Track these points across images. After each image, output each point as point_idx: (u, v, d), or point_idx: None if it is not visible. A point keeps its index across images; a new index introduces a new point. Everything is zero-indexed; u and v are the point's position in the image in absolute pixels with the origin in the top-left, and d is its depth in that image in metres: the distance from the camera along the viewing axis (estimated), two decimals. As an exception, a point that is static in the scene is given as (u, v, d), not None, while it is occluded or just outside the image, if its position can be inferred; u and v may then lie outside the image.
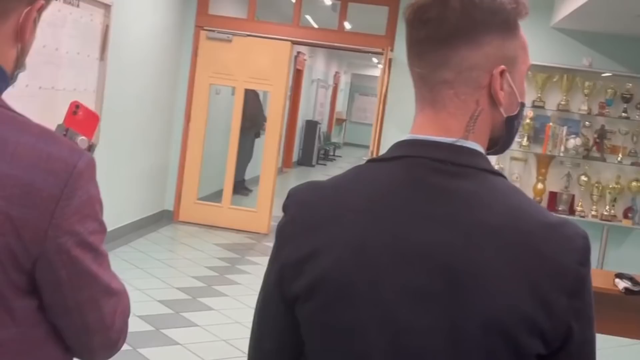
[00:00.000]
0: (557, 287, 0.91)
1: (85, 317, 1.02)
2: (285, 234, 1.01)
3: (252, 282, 5.55)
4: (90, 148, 1.19)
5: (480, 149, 0.99)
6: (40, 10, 1.03)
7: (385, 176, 0.99)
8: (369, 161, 1.05)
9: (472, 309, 0.90)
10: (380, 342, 0.93)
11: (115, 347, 1.08)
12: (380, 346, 0.93)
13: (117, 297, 1.06)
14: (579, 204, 6.61)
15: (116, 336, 1.07)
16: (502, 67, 0.97)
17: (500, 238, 0.91)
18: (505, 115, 1.00)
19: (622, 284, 3.56)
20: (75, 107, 1.17)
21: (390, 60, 6.62)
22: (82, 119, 1.17)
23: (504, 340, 0.90)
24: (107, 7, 5.32)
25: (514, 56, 0.99)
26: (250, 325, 1.09)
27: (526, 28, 1.02)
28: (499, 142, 1.03)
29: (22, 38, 1.02)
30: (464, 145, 0.97)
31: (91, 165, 0.99)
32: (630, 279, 3.60)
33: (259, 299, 1.06)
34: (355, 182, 1.01)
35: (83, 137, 1.15)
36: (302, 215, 1.00)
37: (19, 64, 1.05)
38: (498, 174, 0.98)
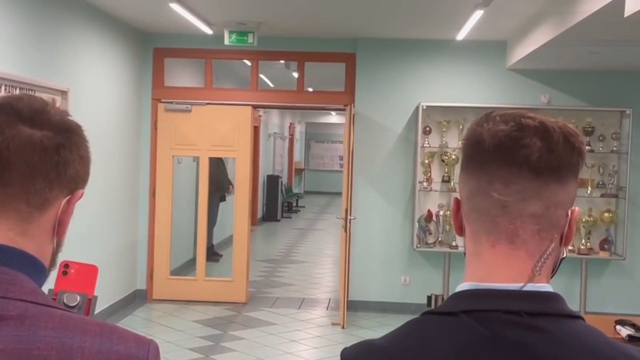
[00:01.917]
0: None
1: None
2: None
3: (239, 361, 5.35)
4: (91, 302, 1.08)
5: (551, 289, 0.94)
6: (79, 199, 0.92)
7: (454, 335, 0.90)
8: (426, 314, 0.95)
9: None
10: None
11: None
12: None
13: None
14: (555, 240, 6.62)
15: None
16: (576, 208, 0.97)
17: None
18: (563, 255, 0.98)
19: (624, 331, 3.51)
20: (65, 267, 1.06)
21: (353, 115, 6.60)
22: (75, 277, 1.07)
23: None
24: (63, 93, 5.19)
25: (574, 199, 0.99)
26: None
27: (481, 71, 0.99)
28: None
29: (59, 231, 0.92)
30: (538, 290, 0.92)
31: (158, 352, 0.90)
32: (632, 325, 3.55)
33: None
34: (419, 343, 0.92)
35: (75, 294, 1.05)
36: None
37: (53, 261, 0.93)
38: (575, 316, 0.93)
